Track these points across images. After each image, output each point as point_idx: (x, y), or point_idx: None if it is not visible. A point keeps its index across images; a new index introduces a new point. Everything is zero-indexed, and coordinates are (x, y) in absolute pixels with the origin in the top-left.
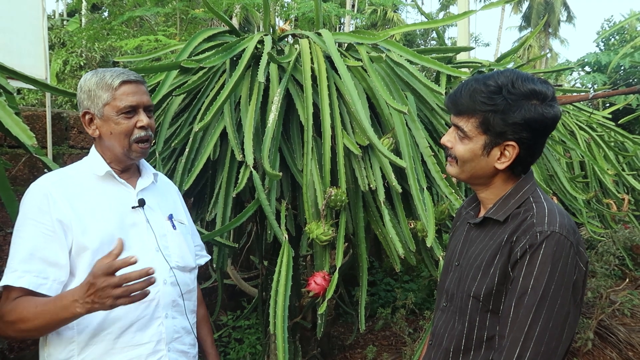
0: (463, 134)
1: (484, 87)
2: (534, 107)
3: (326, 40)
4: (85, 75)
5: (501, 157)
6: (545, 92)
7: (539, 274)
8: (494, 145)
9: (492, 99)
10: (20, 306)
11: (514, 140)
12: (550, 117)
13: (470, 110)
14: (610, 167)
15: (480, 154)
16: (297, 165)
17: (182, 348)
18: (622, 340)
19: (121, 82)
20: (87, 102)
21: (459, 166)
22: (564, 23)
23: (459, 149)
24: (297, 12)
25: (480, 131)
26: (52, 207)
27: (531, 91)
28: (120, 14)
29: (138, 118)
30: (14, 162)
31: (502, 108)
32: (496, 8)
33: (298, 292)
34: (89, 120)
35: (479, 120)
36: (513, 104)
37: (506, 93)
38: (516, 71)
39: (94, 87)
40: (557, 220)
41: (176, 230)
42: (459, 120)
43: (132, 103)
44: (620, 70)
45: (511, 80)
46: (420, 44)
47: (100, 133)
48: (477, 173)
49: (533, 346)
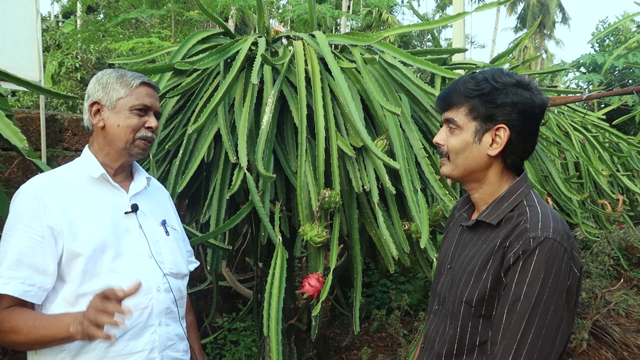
0: (454, 125)
1: (471, 79)
2: (521, 92)
3: (320, 42)
4: (105, 70)
5: (493, 143)
6: (529, 82)
7: (532, 281)
8: (485, 131)
9: (478, 84)
10: (15, 317)
11: (504, 123)
12: (538, 102)
13: (459, 100)
14: (604, 167)
15: (472, 141)
16: (291, 167)
17: (176, 355)
18: (617, 341)
19: (141, 82)
20: (101, 92)
21: (452, 161)
22: (559, 24)
23: (451, 141)
24: (292, 14)
25: (470, 118)
26: (43, 212)
27: (516, 81)
28: (115, 16)
29: (148, 119)
30: (7, 165)
31: (489, 91)
32: (491, 9)
33: (293, 294)
34: (96, 111)
35: (468, 108)
36: (500, 89)
37: (492, 81)
38: (501, 68)
39: (113, 81)
40: (551, 225)
41: (169, 236)
42: (449, 113)
43: (147, 103)
44: (615, 72)
45: (497, 73)
46: (417, 45)
47: (106, 124)
48: (471, 165)
49: (526, 353)
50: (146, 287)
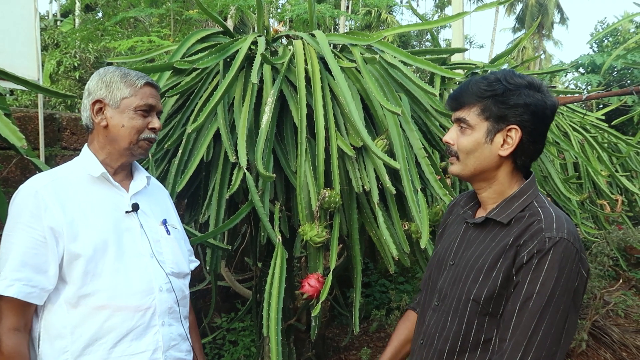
0: (466, 124)
1: (483, 79)
2: (533, 93)
3: (320, 41)
4: (107, 68)
5: (504, 144)
6: (540, 84)
7: (546, 280)
8: (497, 131)
9: (491, 85)
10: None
11: (516, 124)
12: (550, 104)
13: (472, 100)
14: (603, 168)
15: (484, 141)
16: (290, 167)
17: (179, 355)
18: (615, 341)
19: (145, 83)
20: (104, 91)
21: (462, 161)
22: (558, 25)
23: (462, 141)
24: (292, 14)
25: (482, 118)
26: (44, 212)
27: (528, 82)
28: (114, 15)
29: (151, 120)
30: (6, 164)
31: (502, 92)
32: (490, 10)
33: (292, 294)
34: (99, 109)
35: (480, 108)
36: (512, 90)
37: (505, 82)
38: (512, 69)
39: (117, 80)
40: (565, 226)
41: (170, 235)
42: (460, 113)
43: (152, 102)
44: (614, 72)
45: (509, 74)
46: (415, 45)
47: (109, 124)
48: (482, 165)
49: (535, 351)
50: (148, 287)
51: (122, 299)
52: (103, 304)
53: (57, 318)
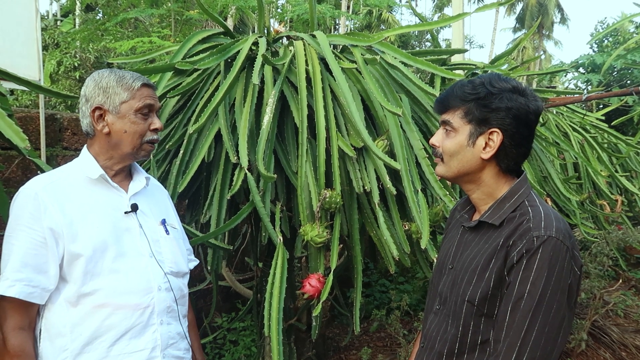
0: (450, 127)
1: (469, 83)
2: (516, 97)
3: (320, 42)
4: (101, 72)
5: (486, 147)
6: (525, 89)
7: (536, 279)
8: (479, 134)
9: (475, 88)
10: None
11: (498, 127)
12: (533, 108)
13: (456, 103)
14: (603, 168)
15: (466, 144)
16: (291, 167)
17: (178, 354)
18: (615, 341)
19: (142, 84)
20: (102, 97)
21: (446, 163)
22: (558, 25)
23: (446, 144)
24: (292, 14)
25: (465, 121)
26: (44, 214)
27: (512, 86)
28: (114, 15)
29: (152, 120)
30: (7, 164)
31: (484, 96)
32: (490, 10)
33: (293, 294)
34: (99, 116)
35: (464, 111)
36: (496, 94)
37: (489, 86)
38: (499, 73)
39: (114, 84)
40: (554, 224)
41: (169, 235)
42: (446, 116)
43: (151, 102)
44: (614, 72)
45: (494, 78)
46: (415, 45)
47: (111, 130)
48: (464, 167)
49: (529, 351)
50: (147, 286)
51: (121, 297)
52: (102, 303)
53: (57, 317)
